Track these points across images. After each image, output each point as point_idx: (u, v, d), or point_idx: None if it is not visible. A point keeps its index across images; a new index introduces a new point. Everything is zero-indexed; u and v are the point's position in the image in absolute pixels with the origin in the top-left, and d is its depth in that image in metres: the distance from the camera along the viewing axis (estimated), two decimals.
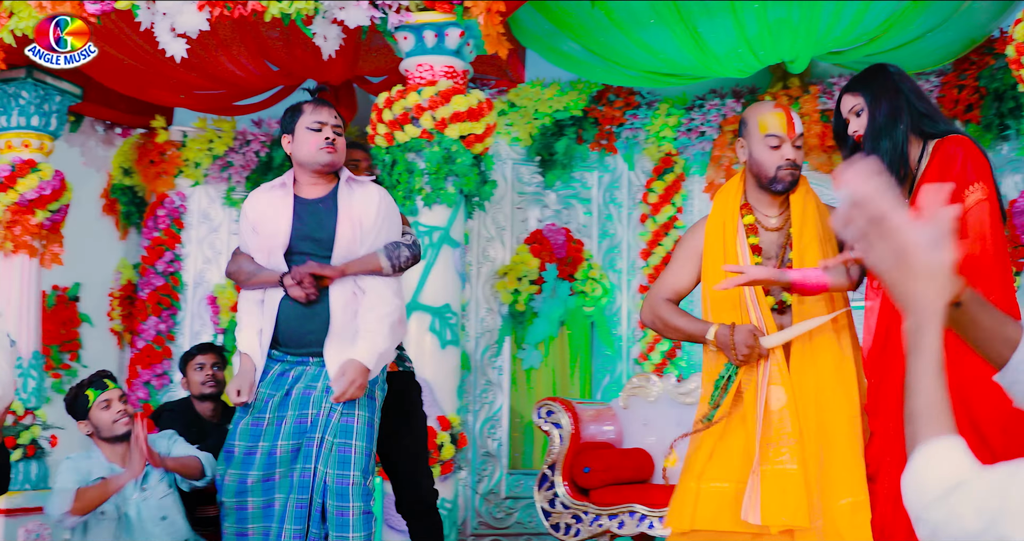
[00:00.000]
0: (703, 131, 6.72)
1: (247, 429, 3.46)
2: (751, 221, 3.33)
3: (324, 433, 3.39)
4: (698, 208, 6.79)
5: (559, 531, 5.05)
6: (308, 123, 3.56)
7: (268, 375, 3.54)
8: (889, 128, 3.12)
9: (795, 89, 6.58)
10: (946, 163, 3.03)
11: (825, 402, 3.14)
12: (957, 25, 5.69)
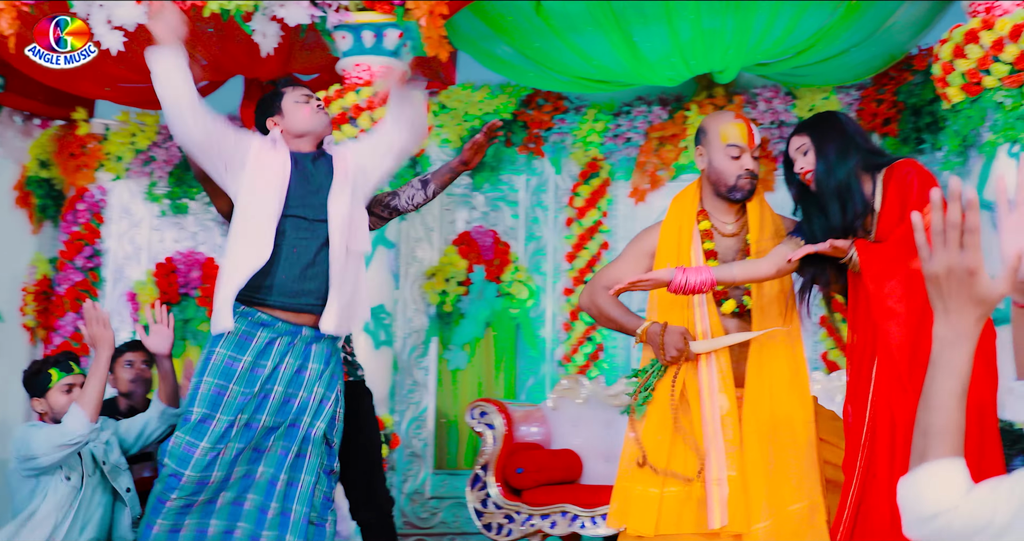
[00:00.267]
0: (629, 137, 6.83)
1: (232, 402, 3.35)
2: (707, 227, 3.44)
3: (314, 419, 3.41)
4: (623, 213, 6.90)
5: (491, 531, 5.10)
6: (295, 98, 3.64)
7: (254, 342, 3.41)
8: (840, 165, 3.24)
9: (720, 98, 6.73)
10: (903, 186, 3.17)
11: (779, 409, 3.24)
12: (879, 42, 5.89)
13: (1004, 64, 4.50)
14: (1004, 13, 4.59)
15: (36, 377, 3.94)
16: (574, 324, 6.75)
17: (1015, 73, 4.50)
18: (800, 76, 6.32)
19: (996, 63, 4.52)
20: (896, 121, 6.25)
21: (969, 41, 4.58)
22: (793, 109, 6.56)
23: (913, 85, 6.14)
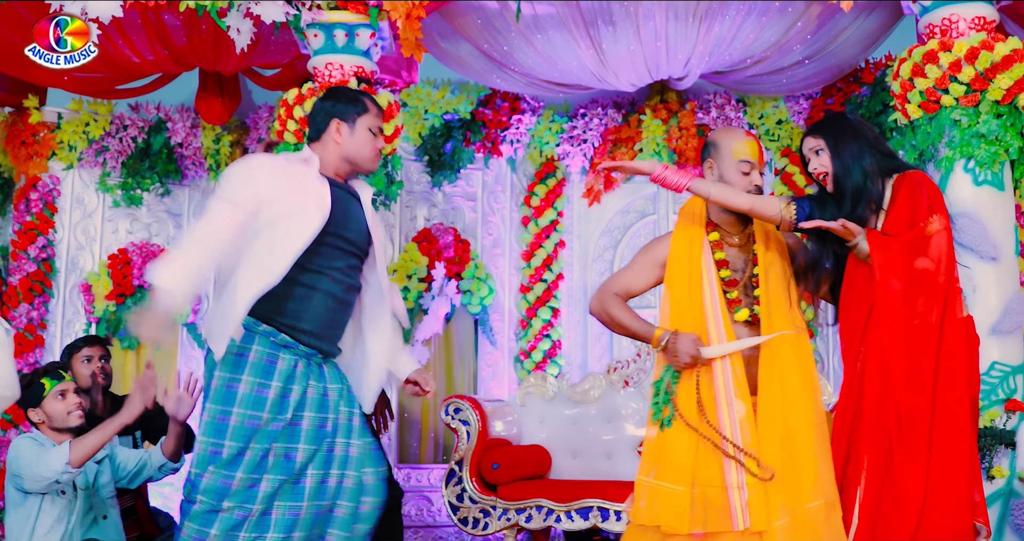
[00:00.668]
0: (585, 139, 6.99)
1: (267, 431, 3.24)
2: (716, 237, 3.60)
3: (349, 437, 3.37)
4: (578, 213, 7.07)
5: (468, 525, 5.23)
6: (371, 124, 3.52)
7: (279, 365, 3.28)
8: (855, 166, 3.45)
9: (673, 103, 6.93)
10: (913, 196, 3.40)
11: (791, 412, 3.42)
12: (830, 55, 6.12)
13: (961, 84, 4.74)
14: (960, 35, 4.83)
15: (28, 389, 3.98)
16: (531, 321, 6.90)
17: (971, 93, 4.74)
18: (752, 85, 6.53)
19: (954, 83, 4.75)
20: None
21: (928, 61, 4.81)
22: (744, 116, 6.79)
23: (861, 97, 6.40)
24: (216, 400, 3.24)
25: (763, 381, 3.45)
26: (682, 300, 3.53)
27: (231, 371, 3.24)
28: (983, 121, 4.73)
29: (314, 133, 3.53)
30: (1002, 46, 4.71)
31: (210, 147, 7.28)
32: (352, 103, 3.52)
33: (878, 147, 3.53)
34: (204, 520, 3.19)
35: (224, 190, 3.31)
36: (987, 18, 4.88)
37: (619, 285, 3.67)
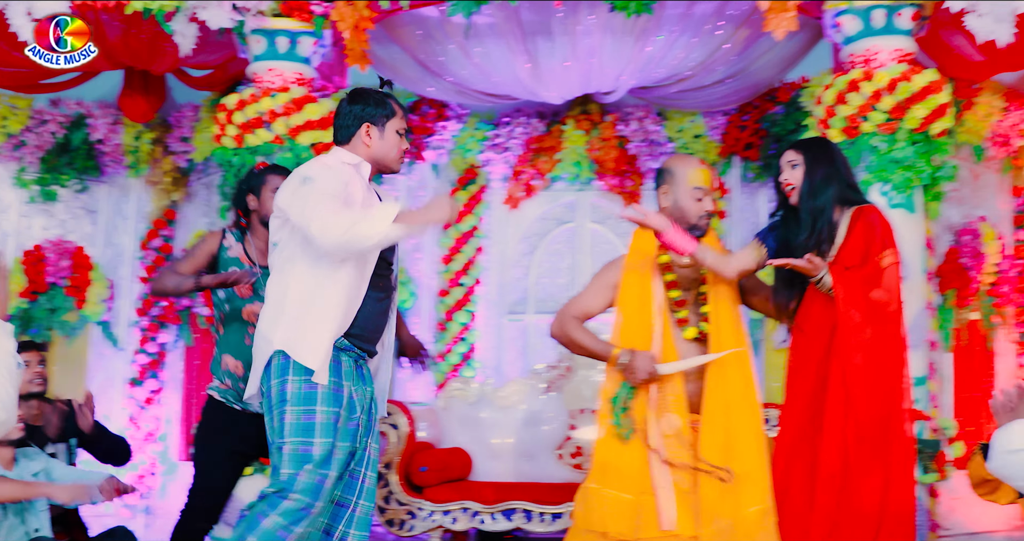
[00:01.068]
0: (507, 147, 7.17)
1: (347, 429, 3.33)
2: (666, 260, 3.82)
3: (371, 439, 3.48)
4: (497, 219, 7.23)
5: (394, 526, 5.35)
6: (399, 127, 3.56)
7: (343, 367, 3.37)
8: (822, 190, 3.73)
9: (595, 115, 7.15)
10: (868, 231, 3.68)
11: (734, 423, 3.66)
12: (749, 75, 6.42)
13: (880, 113, 5.06)
14: (881, 66, 5.15)
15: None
16: (448, 324, 7.05)
17: (889, 121, 5.07)
18: (673, 100, 6.80)
19: (874, 111, 5.07)
20: (758, 147, 6.82)
21: (851, 90, 5.12)
22: (663, 129, 7.05)
23: (776, 115, 6.72)
24: (297, 402, 3.30)
25: (710, 394, 3.68)
26: (632, 319, 3.75)
27: (305, 373, 3.31)
28: (899, 148, 5.06)
29: (343, 136, 3.56)
30: (919, 78, 5.04)
31: (131, 144, 7.24)
32: (381, 106, 3.56)
33: (846, 178, 3.81)
34: (295, 518, 3.24)
35: (325, 188, 3.33)
36: (905, 50, 5.21)
37: (577, 309, 3.88)
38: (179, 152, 7.24)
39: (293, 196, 3.36)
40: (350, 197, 3.35)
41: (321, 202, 3.26)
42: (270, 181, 4.23)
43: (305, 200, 3.30)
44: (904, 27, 5.16)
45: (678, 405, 3.68)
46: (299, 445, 3.27)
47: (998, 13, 4.69)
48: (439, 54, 6.11)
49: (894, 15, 5.14)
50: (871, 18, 5.16)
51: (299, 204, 3.32)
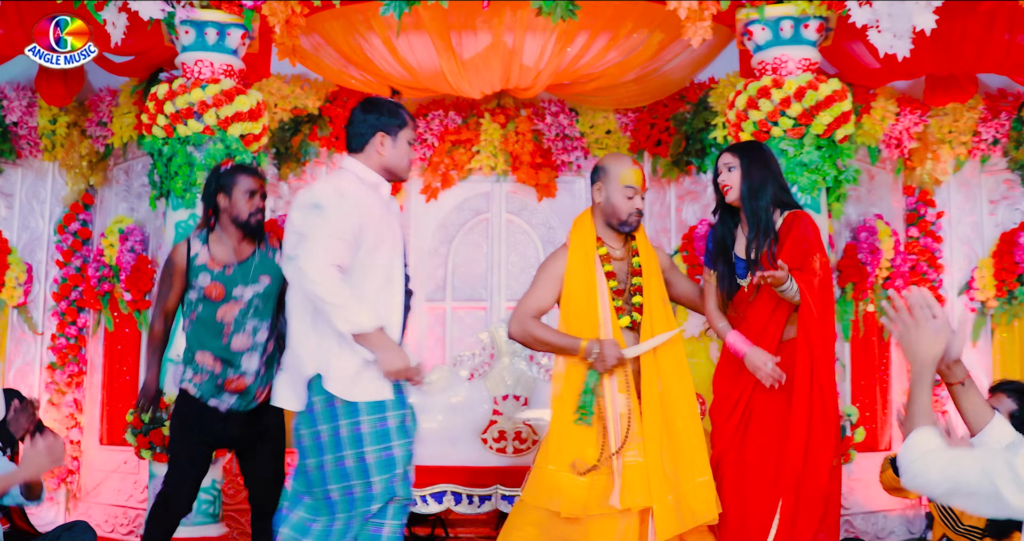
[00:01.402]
0: (425, 138, 7.34)
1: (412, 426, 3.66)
2: (604, 252, 4.15)
3: None
4: (416, 208, 7.41)
5: None
6: (409, 138, 3.78)
7: None
8: (761, 191, 4.14)
9: (510, 109, 7.37)
10: (803, 235, 4.09)
11: (669, 404, 3.98)
12: (661, 76, 6.70)
13: (789, 118, 5.38)
14: (789, 74, 5.47)
15: None
16: None
17: (797, 126, 5.39)
18: (587, 97, 7.05)
19: (783, 117, 5.39)
20: (667, 144, 7.12)
21: (761, 96, 5.42)
22: (576, 124, 7.30)
23: (685, 113, 7.03)
24: (370, 412, 3.53)
25: (646, 378, 3.99)
26: (580, 309, 4.04)
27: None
28: (806, 152, 5.39)
29: (357, 145, 3.76)
30: (825, 87, 5.37)
31: (46, 127, 7.23)
32: (395, 116, 3.78)
33: (778, 180, 4.20)
34: (404, 513, 3.64)
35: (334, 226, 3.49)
36: (811, 59, 5.53)
37: (531, 307, 4.14)
38: (96, 136, 7.25)
39: (304, 221, 3.53)
40: (356, 237, 3.53)
41: (321, 248, 3.45)
42: (241, 182, 4.37)
43: (311, 231, 3.49)
44: (810, 38, 5.48)
45: (629, 386, 4.01)
46: (382, 451, 3.52)
47: (898, 29, 5.02)
48: (363, 48, 6.24)
49: (801, 26, 5.45)
50: (780, 29, 5.47)
51: (306, 232, 3.51)
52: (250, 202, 4.46)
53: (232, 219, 4.43)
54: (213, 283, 4.30)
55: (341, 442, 3.51)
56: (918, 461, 2.34)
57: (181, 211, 5.62)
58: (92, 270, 7.08)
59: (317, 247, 3.45)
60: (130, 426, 5.51)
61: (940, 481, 2.31)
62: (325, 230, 3.48)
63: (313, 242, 3.46)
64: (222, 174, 4.50)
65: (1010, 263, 6.90)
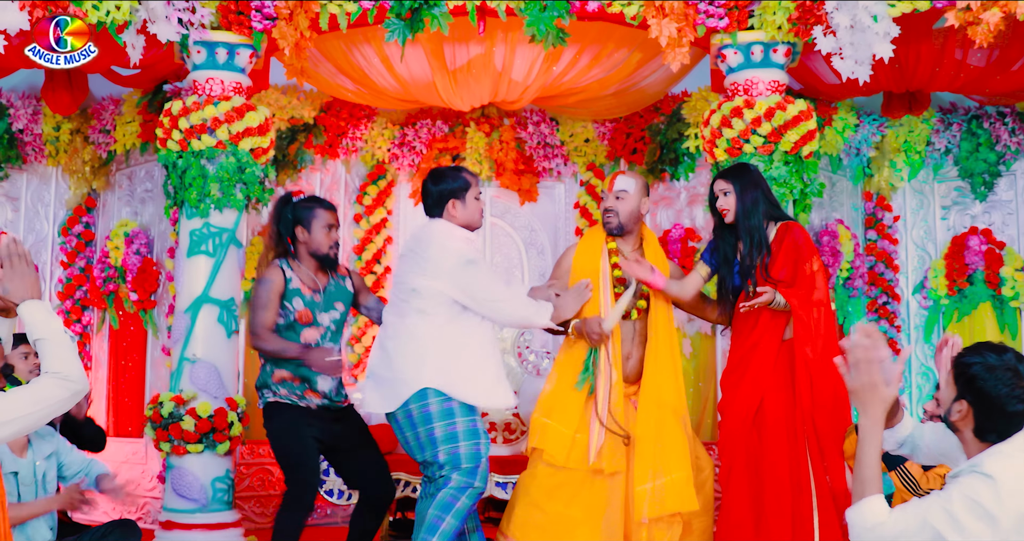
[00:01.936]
0: (413, 145, 7.77)
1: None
2: (613, 247, 4.90)
3: None
4: (404, 212, 7.84)
5: (333, 496, 5.97)
6: (476, 194, 4.55)
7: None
8: (753, 211, 4.77)
9: (494, 119, 7.81)
10: (795, 245, 4.72)
11: (664, 399, 4.66)
12: (639, 90, 7.17)
13: (760, 136, 5.85)
14: (760, 95, 5.94)
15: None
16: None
17: (767, 144, 5.86)
18: (567, 108, 7.51)
19: (754, 135, 5.85)
20: (643, 152, 7.59)
21: (734, 115, 5.89)
22: (557, 133, 7.76)
23: (660, 124, 7.50)
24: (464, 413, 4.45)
25: (648, 370, 4.68)
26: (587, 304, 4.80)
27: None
28: (775, 167, 5.86)
29: (436, 213, 4.60)
30: (792, 107, 5.85)
31: (50, 134, 7.56)
32: (459, 181, 4.55)
33: (768, 197, 4.85)
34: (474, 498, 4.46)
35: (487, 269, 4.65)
36: (779, 81, 6.00)
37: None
38: (99, 143, 7.59)
39: (464, 274, 4.39)
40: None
41: (495, 285, 4.48)
42: (320, 216, 4.80)
43: (481, 282, 4.42)
44: (779, 62, 5.96)
45: (616, 361, 4.70)
46: (472, 446, 4.40)
47: (859, 57, 5.51)
48: (360, 64, 6.64)
49: (771, 51, 5.92)
50: (751, 53, 5.94)
51: (476, 285, 4.42)
52: (329, 236, 4.83)
53: (311, 252, 4.84)
54: (305, 308, 4.70)
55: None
56: (872, 531, 2.71)
57: (195, 220, 6.00)
58: (98, 271, 7.44)
59: (493, 286, 4.48)
60: (149, 420, 5.89)
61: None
62: (488, 277, 4.53)
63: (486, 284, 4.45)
64: (298, 206, 4.84)
65: (960, 264, 7.44)
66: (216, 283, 5.97)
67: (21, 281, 2.95)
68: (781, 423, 4.63)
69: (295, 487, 4.69)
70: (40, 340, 2.89)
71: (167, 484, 5.93)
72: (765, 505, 4.56)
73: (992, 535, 2.60)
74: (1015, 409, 2.73)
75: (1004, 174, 7.50)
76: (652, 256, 4.93)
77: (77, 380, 2.87)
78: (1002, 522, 2.59)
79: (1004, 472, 2.64)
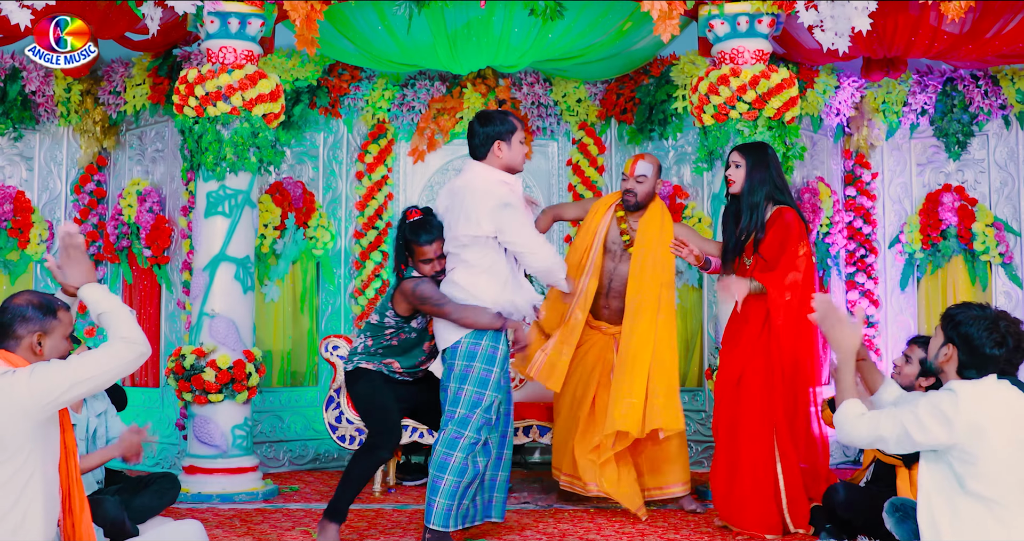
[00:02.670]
0: (413, 105, 8.09)
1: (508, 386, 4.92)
2: (621, 214, 5.67)
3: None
4: (404, 169, 8.18)
5: (344, 441, 6.38)
6: (521, 138, 4.80)
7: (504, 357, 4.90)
8: (758, 189, 5.26)
9: (490, 79, 8.12)
10: (783, 227, 5.19)
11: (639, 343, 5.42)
12: (629, 55, 7.48)
13: (745, 103, 6.20)
14: (745, 63, 6.28)
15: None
16: (364, 263, 8.00)
17: (751, 110, 6.21)
18: (561, 71, 7.83)
19: (739, 101, 6.20)
20: (632, 112, 7.94)
21: (721, 83, 6.23)
22: (550, 94, 8.08)
23: (649, 86, 7.83)
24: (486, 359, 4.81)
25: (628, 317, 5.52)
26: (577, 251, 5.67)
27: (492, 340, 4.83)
28: (759, 132, 6.23)
29: (481, 154, 4.87)
30: (776, 75, 6.20)
31: (62, 95, 7.84)
32: (506, 124, 4.81)
33: (776, 180, 5.27)
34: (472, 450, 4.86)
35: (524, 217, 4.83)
36: (764, 50, 6.35)
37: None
38: (109, 104, 7.88)
39: (500, 218, 4.67)
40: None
41: (529, 231, 4.72)
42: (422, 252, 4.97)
43: (513, 228, 4.67)
44: (763, 32, 6.30)
45: (583, 306, 5.66)
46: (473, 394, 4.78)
47: (840, 29, 5.86)
48: (368, 35, 6.93)
49: (756, 22, 6.26)
50: (737, 23, 6.27)
51: (510, 228, 4.68)
52: (428, 268, 4.97)
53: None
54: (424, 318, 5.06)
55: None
56: (847, 424, 3.40)
57: (212, 183, 6.34)
58: (111, 228, 7.77)
59: (526, 232, 4.72)
60: (171, 372, 6.28)
61: (866, 435, 3.37)
62: (521, 220, 4.75)
63: (520, 229, 4.69)
64: (409, 230, 5.00)
65: (935, 220, 7.85)
66: (232, 242, 6.33)
67: (78, 268, 3.40)
68: (757, 385, 5.20)
69: (374, 438, 4.99)
70: (103, 314, 3.30)
71: (189, 432, 6.34)
72: (740, 455, 5.22)
73: (948, 437, 3.23)
74: (991, 352, 3.32)
75: (977, 134, 7.87)
76: (659, 225, 5.64)
77: (142, 343, 3.30)
78: (956, 426, 3.22)
79: (964, 389, 3.30)
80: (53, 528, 3.28)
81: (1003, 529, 3.22)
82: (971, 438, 3.22)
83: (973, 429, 3.22)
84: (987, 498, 3.23)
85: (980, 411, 3.23)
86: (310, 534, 5.10)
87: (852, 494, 4.56)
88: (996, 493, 3.23)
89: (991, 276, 7.77)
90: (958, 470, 3.26)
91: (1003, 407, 3.26)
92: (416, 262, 4.97)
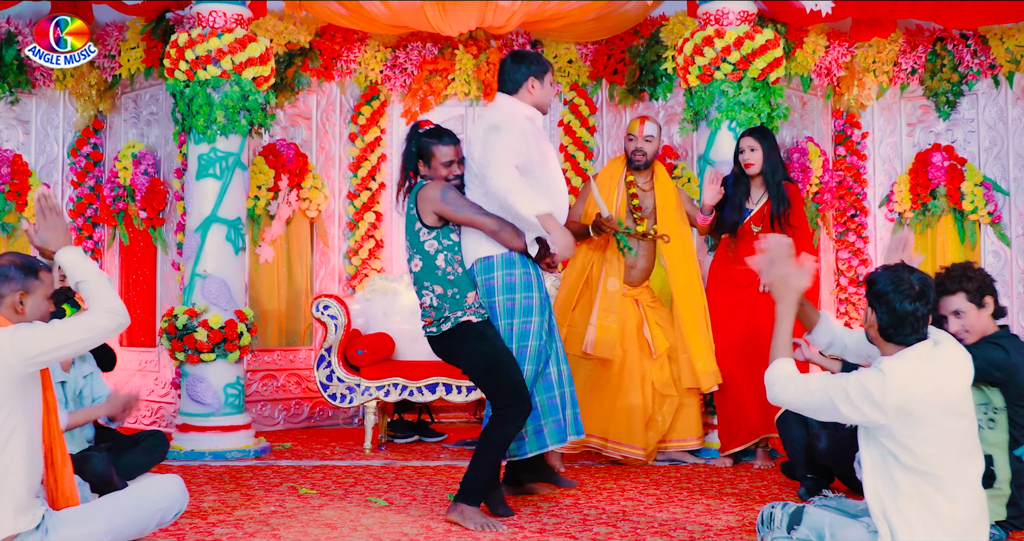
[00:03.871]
0: (405, 67, 8.13)
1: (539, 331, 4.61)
2: (632, 179, 5.90)
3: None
4: (396, 130, 8.24)
5: (335, 399, 6.50)
6: (551, 79, 4.78)
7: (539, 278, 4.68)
8: (777, 169, 5.74)
9: (481, 41, 8.16)
10: (798, 202, 5.81)
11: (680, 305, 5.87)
12: (619, 15, 7.51)
13: (729, 64, 6.25)
14: (730, 24, 6.32)
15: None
16: (358, 224, 8.09)
17: (736, 71, 6.26)
18: (551, 31, 7.86)
19: (724, 63, 6.25)
20: (623, 72, 7.97)
21: (706, 44, 6.28)
22: (542, 55, 8.10)
23: (639, 47, 7.86)
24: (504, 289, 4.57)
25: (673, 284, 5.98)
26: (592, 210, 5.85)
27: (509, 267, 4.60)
28: (744, 93, 6.28)
29: (512, 89, 4.73)
30: (760, 37, 6.23)
31: None
32: (540, 64, 4.78)
33: (782, 160, 5.81)
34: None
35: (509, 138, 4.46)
36: (749, 11, 6.38)
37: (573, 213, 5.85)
38: (104, 67, 7.95)
39: (486, 139, 4.49)
40: (527, 152, 4.51)
41: (503, 153, 4.41)
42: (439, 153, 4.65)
43: (490, 147, 4.44)
44: None
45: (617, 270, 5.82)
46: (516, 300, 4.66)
47: None
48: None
49: None
50: None
51: (484, 146, 4.47)
52: (448, 170, 4.69)
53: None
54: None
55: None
56: (777, 385, 3.37)
57: (203, 145, 6.42)
58: (107, 190, 7.87)
59: (500, 153, 4.40)
60: (164, 332, 6.40)
61: (794, 399, 3.35)
62: (502, 144, 4.44)
63: (496, 150, 4.41)
64: (422, 137, 4.72)
65: (924, 179, 7.89)
66: (224, 204, 6.42)
67: (54, 232, 3.49)
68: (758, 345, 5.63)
69: (504, 400, 4.49)
70: (82, 282, 3.42)
71: (182, 390, 6.47)
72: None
73: (880, 417, 3.20)
74: (903, 308, 3.23)
75: (966, 94, 7.89)
76: (670, 184, 6.01)
77: (123, 314, 3.44)
78: (886, 410, 3.19)
79: (893, 371, 3.20)
80: (37, 482, 3.41)
81: (947, 501, 3.22)
82: (900, 421, 3.20)
83: (901, 412, 3.18)
84: (925, 472, 3.21)
85: (907, 393, 3.18)
86: (296, 489, 5.22)
87: (833, 443, 4.67)
88: (933, 468, 3.21)
89: (980, 235, 7.82)
90: (891, 448, 3.24)
91: (931, 386, 3.20)
92: (436, 165, 4.63)
